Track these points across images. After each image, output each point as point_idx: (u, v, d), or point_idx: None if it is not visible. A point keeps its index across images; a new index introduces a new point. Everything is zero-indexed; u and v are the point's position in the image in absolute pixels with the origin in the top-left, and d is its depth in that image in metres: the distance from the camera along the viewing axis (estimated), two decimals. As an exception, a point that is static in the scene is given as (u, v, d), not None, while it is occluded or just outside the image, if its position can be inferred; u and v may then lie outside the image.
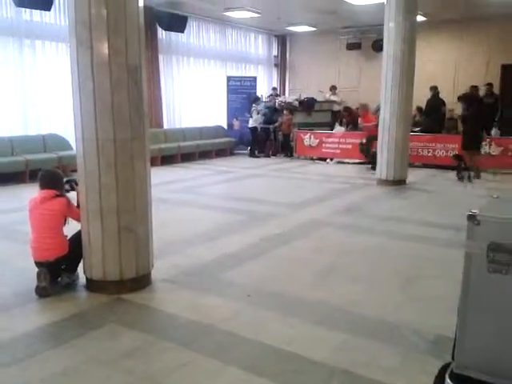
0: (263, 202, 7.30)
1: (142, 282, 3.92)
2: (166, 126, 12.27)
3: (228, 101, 13.80)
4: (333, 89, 13.93)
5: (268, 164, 11.54)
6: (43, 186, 3.91)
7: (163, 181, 8.48)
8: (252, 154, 12.83)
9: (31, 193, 4.06)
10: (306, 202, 7.33)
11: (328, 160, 11.85)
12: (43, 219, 3.79)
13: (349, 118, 12.61)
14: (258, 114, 12.76)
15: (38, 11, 9.17)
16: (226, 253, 4.85)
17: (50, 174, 4.07)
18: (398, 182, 8.56)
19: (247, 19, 12.65)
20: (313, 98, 13.47)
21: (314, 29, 13.94)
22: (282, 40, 16.08)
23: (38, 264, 3.81)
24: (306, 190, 8.33)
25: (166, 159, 11.15)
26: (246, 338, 3.14)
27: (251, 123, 12.75)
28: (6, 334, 3.16)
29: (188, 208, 6.96)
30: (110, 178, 3.72)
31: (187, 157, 11.83)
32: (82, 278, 3.98)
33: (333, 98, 13.88)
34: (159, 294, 3.90)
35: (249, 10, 11.43)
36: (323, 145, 11.91)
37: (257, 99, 13.21)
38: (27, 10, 9.04)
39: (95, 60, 3.56)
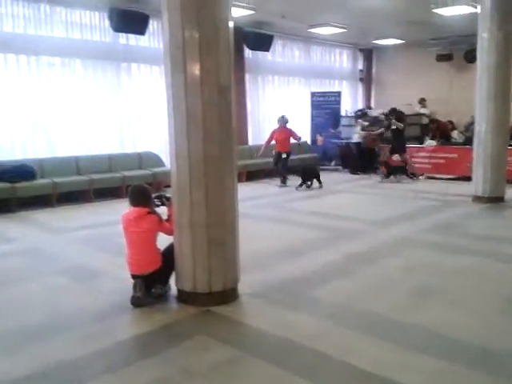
0: (349, 218, 7.16)
1: (229, 295, 3.99)
2: (251, 143, 12.49)
3: (312, 116, 13.79)
4: (422, 101, 13.43)
5: (353, 180, 11.33)
6: (134, 203, 4.07)
7: (248, 196, 8.62)
8: (354, 171, 12.15)
9: (125, 207, 4.27)
10: (394, 218, 7.09)
11: (418, 175, 11.38)
12: (138, 237, 3.97)
13: (437, 130, 12.04)
14: (364, 129, 12.36)
15: (134, 36, 9.79)
16: (311, 269, 4.80)
17: (140, 190, 4.18)
18: (495, 199, 8.02)
19: (332, 35, 12.63)
20: (401, 112, 13.08)
21: (401, 41, 13.61)
22: (368, 54, 15.85)
23: (133, 276, 4.01)
24: (395, 207, 8.06)
25: (251, 175, 11.33)
26: (335, 358, 3.07)
27: (356, 138, 12.37)
28: (104, 342, 3.33)
29: (272, 223, 7.00)
30: (201, 193, 3.84)
31: (271, 173, 11.92)
32: (173, 290, 4.12)
33: (422, 110, 13.39)
34: (246, 309, 3.93)
35: (334, 26, 11.40)
36: (412, 160, 11.48)
37: (364, 114, 12.84)
38: (124, 34, 9.69)
39: (188, 81, 3.71)
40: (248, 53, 12.21)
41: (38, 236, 6.42)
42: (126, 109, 10.06)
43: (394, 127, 10.96)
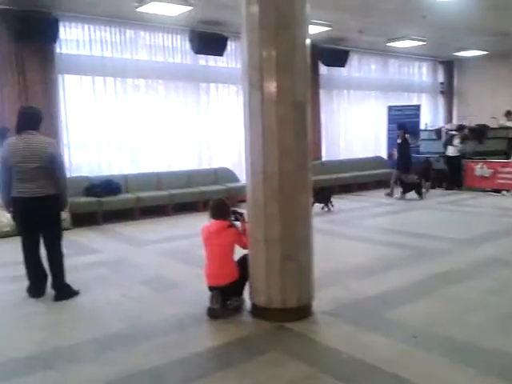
0: (429, 236, 6.88)
1: (303, 311, 3.97)
2: (324, 158, 12.42)
3: (388, 131, 13.47)
4: (508, 114, 12.68)
5: (433, 196, 10.88)
6: (215, 216, 4.21)
7: (320, 212, 8.58)
8: (450, 187, 11.61)
9: (205, 221, 4.40)
10: (479, 237, 6.71)
11: (504, 192, 10.73)
12: (218, 249, 4.08)
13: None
14: (462, 142, 11.60)
15: (213, 57, 10.15)
16: (388, 289, 4.65)
17: (221, 204, 4.33)
18: None
19: (410, 48, 12.34)
20: (484, 125, 12.43)
21: (484, 52, 12.99)
22: (449, 66, 15.29)
23: (210, 288, 4.11)
24: (479, 225, 7.64)
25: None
26: (412, 382, 2.94)
27: (451, 152, 11.65)
28: (182, 352, 3.43)
29: (346, 240, 6.88)
30: (275, 208, 3.87)
31: (345, 188, 11.77)
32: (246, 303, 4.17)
33: (508, 123, 12.63)
34: (320, 326, 3.89)
35: (413, 39, 11.14)
36: (498, 175, 10.85)
37: (462, 128, 12.13)
38: (204, 56, 10.08)
39: (264, 99, 3.79)
40: (323, 69, 12.22)
41: (121, 247, 6.77)
42: (204, 127, 10.42)
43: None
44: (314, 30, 8.67)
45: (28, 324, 4.07)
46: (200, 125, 10.33)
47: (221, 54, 9.97)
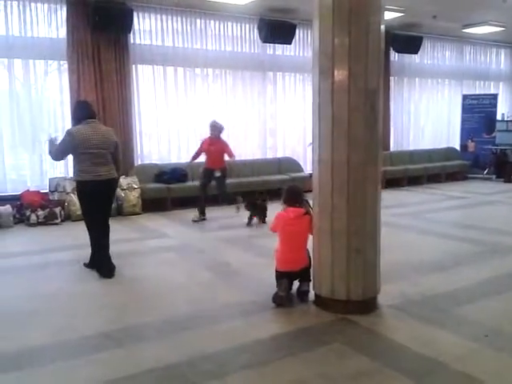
0: (505, 232, 6.53)
1: (368, 305, 3.89)
2: (392, 149, 12.07)
3: (462, 120, 12.86)
4: None
5: (509, 190, 10.28)
6: (291, 203, 4.18)
7: (387, 204, 8.28)
8: None
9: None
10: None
11: None
12: (297, 235, 4.08)
13: None
14: None
15: (280, 45, 10.11)
16: (458, 285, 4.47)
17: (298, 191, 4.32)
18: None
19: (488, 34, 11.66)
20: None
21: None
22: (531, 53, 14.30)
23: (281, 274, 4.12)
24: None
25: (391, 182, 10.92)
26: (481, 380, 2.82)
27: None
28: (245, 338, 3.48)
29: (414, 233, 6.67)
30: (342, 199, 3.81)
31: (414, 180, 11.39)
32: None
33: None
34: (386, 321, 3.80)
35: (492, 25, 10.51)
36: None
37: None
38: (271, 45, 10.06)
39: (335, 87, 3.72)
40: (394, 55, 11.83)
41: (188, 233, 6.96)
42: (270, 116, 10.43)
43: None
44: (385, 15, 8.36)
45: (99, 303, 4.28)
46: (265, 114, 10.35)
47: (289, 43, 9.91)
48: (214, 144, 7.63)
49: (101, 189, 4.84)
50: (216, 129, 7.65)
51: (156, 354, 3.27)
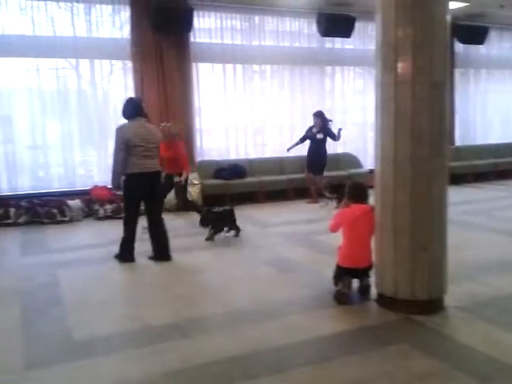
0: None
1: (433, 305, 3.77)
2: (457, 143, 11.61)
3: (534, 115, 12.17)
4: None
5: None
6: (357, 199, 4.12)
7: (453, 201, 7.93)
8: None
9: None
10: None
11: None
12: (362, 232, 4.02)
13: None
14: None
15: (339, 39, 9.96)
16: (531, 287, 4.24)
17: (364, 187, 4.23)
18: None
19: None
20: None
21: None
22: None
23: (345, 271, 4.07)
24: None
25: (456, 178, 10.47)
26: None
27: None
28: (306, 334, 3.47)
29: (482, 232, 6.38)
30: (405, 195, 3.71)
31: (481, 176, 10.89)
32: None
33: None
34: (452, 322, 3.67)
35: None
36: None
37: None
38: (330, 39, 9.94)
39: (398, 80, 3.62)
40: (459, 47, 11.36)
41: (246, 228, 7.01)
42: (328, 110, 10.29)
43: None
44: (450, 6, 8.06)
45: (164, 294, 4.41)
46: (324, 108, 10.22)
47: (348, 36, 9.75)
48: (169, 148, 6.97)
49: (147, 181, 5.18)
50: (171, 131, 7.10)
51: (220, 345, 3.33)
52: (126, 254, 5.36)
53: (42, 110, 8.08)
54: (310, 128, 8.76)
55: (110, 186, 8.13)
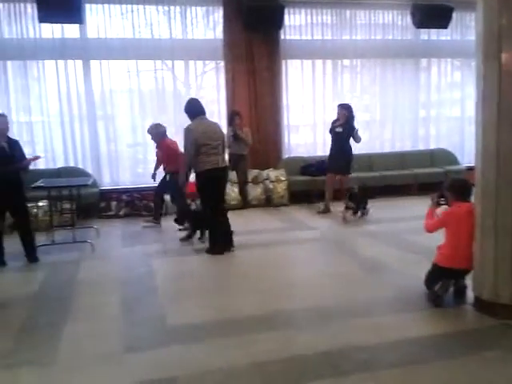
0: None
1: (538, 312, 3.50)
2: None
3: None
4: None
5: None
6: (464, 197, 3.95)
7: None
8: None
9: (417, 204, 4.20)
10: None
11: None
12: (467, 231, 3.84)
13: None
14: None
15: (435, 30, 9.51)
16: None
17: (466, 183, 4.07)
18: None
19: None
20: None
21: None
22: None
23: (444, 271, 3.90)
24: None
25: None
26: None
27: None
28: (395, 335, 3.38)
29: None
30: (509, 193, 3.48)
31: None
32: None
33: None
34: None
35: None
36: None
37: None
38: (425, 30, 9.52)
39: (503, 71, 3.39)
40: None
41: (333, 226, 6.96)
42: (422, 105, 9.91)
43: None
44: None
45: (251, 286, 4.50)
46: (417, 103, 9.85)
47: (445, 27, 9.28)
48: (160, 149, 7.10)
49: (218, 176, 5.46)
50: (156, 132, 7.05)
51: (306, 340, 3.35)
52: (219, 246, 5.54)
53: (140, 110, 8.56)
54: (334, 121, 7.70)
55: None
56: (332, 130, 7.65)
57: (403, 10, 9.35)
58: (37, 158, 6.18)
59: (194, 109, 5.52)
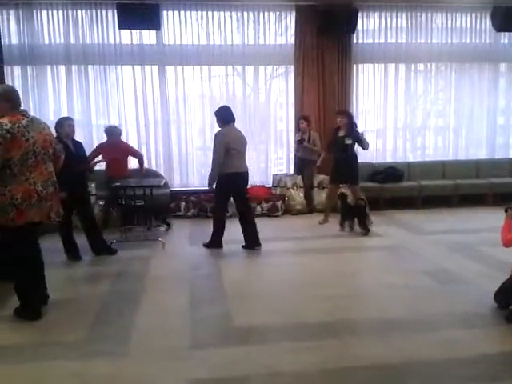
0: None
1: None
2: None
3: None
4: None
5: None
6: None
7: None
8: None
9: (493, 215, 4.02)
10: None
11: None
12: None
13: None
14: None
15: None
16: None
17: None
18: None
19: None
20: None
21: None
22: None
23: None
24: None
25: None
26: None
27: None
28: (467, 350, 3.24)
29: None
30: None
31: None
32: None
33: None
34: None
35: None
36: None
37: None
38: (506, 34, 9.06)
39: None
40: None
41: (402, 234, 6.77)
42: (501, 112, 9.42)
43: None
44: None
45: (317, 293, 4.48)
46: (495, 109, 9.38)
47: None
48: (115, 150, 6.97)
49: (241, 179, 5.90)
50: (111, 132, 7.09)
51: (370, 351, 3.29)
52: (217, 243, 6.03)
53: (210, 114, 8.76)
54: (336, 131, 7.16)
55: (266, 186, 8.62)
56: (338, 141, 7.06)
57: (482, 12, 8.95)
58: (100, 161, 6.69)
59: (227, 116, 5.89)
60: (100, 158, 6.88)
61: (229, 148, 5.70)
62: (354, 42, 8.69)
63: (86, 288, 4.80)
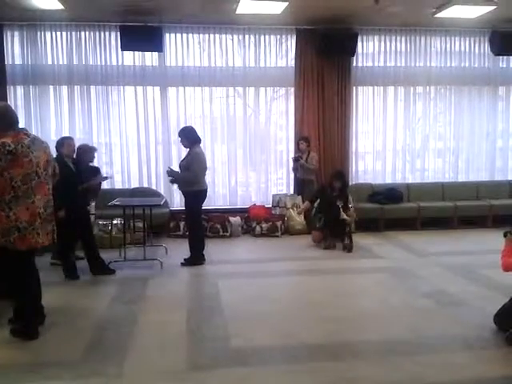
0: None
1: None
2: None
3: None
4: None
5: None
6: None
7: None
8: None
9: (492, 237, 4.02)
10: None
11: None
12: None
13: None
14: None
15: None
16: None
17: None
18: None
19: None
20: None
21: None
22: None
23: None
24: None
25: None
26: None
27: None
28: (470, 373, 3.22)
29: None
30: None
31: None
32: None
33: None
34: None
35: None
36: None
37: None
38: (504, 58, 9.19)
39: None
40: None
41: (402, 256, 6.74)
42: (500, 134, 9.49)
43: None
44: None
45: (318, 314, 4.44)
46: (494, 132, 9.44)
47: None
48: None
49: (205, 195, 6.39)
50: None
51: (375, 374, 3.25)
52: (199, 257, 6.33)
53: (211, 135, 8.82)
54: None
55: (266, 206, 8.62)
56: (331, 204, 7.21)
57: (481, 36, 9.08)
58: (106, 178, 6.80)
59: (196, 136, 6.27)
60: (105, 175, 6.95)
61: (202, 166, 6.22)
62: (354, 64, 8.79)
63: (83, 308, 4.75)
